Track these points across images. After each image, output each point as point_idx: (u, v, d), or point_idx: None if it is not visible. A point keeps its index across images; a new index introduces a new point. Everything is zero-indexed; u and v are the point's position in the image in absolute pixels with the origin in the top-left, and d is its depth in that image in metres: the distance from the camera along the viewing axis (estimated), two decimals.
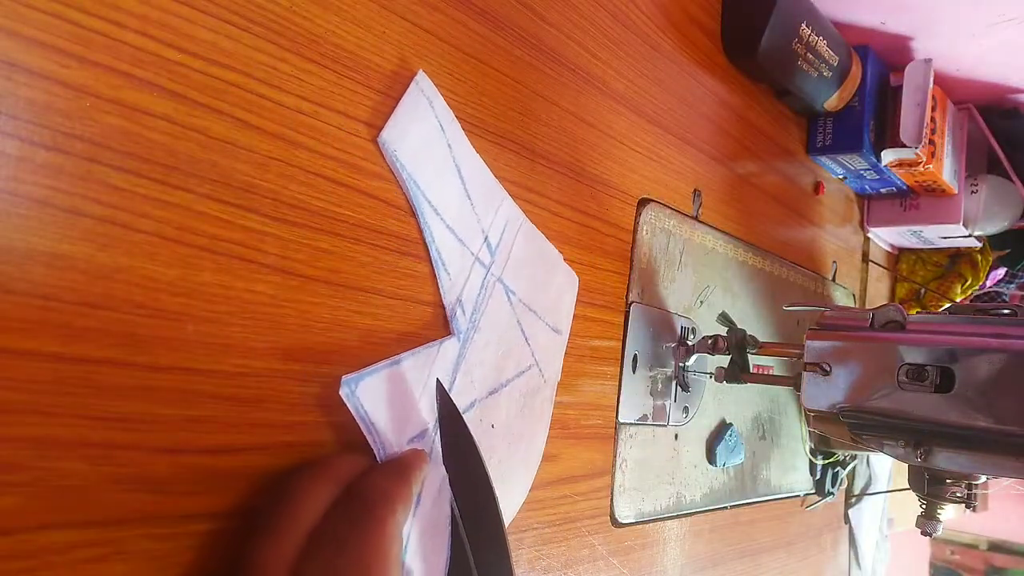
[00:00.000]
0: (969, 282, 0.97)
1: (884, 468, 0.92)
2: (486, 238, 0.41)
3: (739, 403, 0.66)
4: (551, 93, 0.46)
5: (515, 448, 0.42)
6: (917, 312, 0.96)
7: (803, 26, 0.65)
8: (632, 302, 0.53)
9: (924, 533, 0.53)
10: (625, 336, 0.52)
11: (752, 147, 0.68)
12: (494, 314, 0.41)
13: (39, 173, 0.25)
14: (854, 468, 0.86)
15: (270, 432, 0.31)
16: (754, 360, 0.56)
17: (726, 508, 0.64)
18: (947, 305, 0.94)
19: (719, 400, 0.63)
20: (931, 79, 0.74)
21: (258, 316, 0.31)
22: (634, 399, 0.53)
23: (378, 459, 0.34)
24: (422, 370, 0.36)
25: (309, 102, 0.33)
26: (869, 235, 0.93)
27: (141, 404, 0.27)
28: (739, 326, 0.56)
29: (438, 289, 0.38)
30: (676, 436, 0.58)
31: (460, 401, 0.38)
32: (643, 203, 0.54)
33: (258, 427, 0.31)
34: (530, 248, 0.44)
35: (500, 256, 0.42)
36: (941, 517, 0.53)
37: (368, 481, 0.31)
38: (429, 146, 0.38)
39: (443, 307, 0.39)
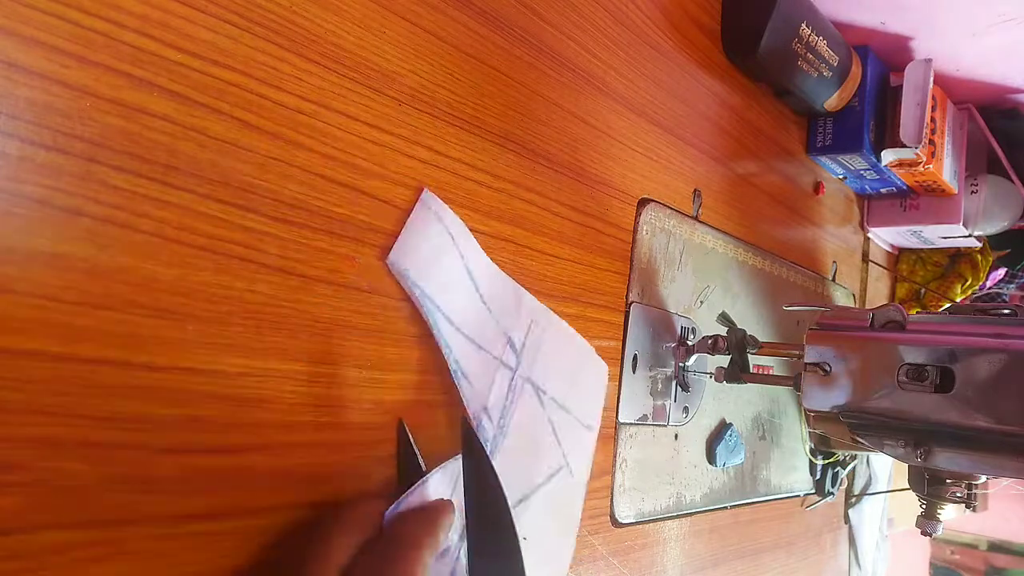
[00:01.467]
0: (969, 282, 0.97)
1: (884, 468, 0.92)
2: (509, 340, 0.41)
3: (739, 403, 0.66)
4: (551, 93, 0.46)
5: (546, 556, 0.42)
6: (917, 312, 0.96)
7: (803, 26, 0.65)
8: (632, 302, 0.53)
9: (924, 533, 0.53)
10: (625, 336, 0.52)
11: (752, 147, 0.68)
12: (523, 416, 0.40)
13: (39, 173, 0.25)
14: (854, 468, 0.86)
15: (270, 432, 0.31)
16: (754, 360, 0.56)
17: (726, 508, 0.64)
18: (947, 305, 0.95)
19: (719, 400, 0.63)
20: (931, 79, 0.74)
21: (258, 316, 0.31)
22: (634, 399, 0.53)
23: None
24: (449, 485, 0.36)
25: (309, 102, 0.33)
26: (869, 235, 0.93)
27: (141, 404, 0.27)
28: (739, 326, 0.56)
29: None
30: (676, 436, 0.58)
31: None
32: (643, 203, 0.54)
33: (258, 427, 0.31)
34: (558, 342, 0.44)
35: (527, 356, 0.41)
36: (941, 517, 0.53)
37: (399, 525, 0.32)
38: (438, 260, 0.37)
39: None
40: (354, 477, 0.35)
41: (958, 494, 0.51)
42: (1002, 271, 1.00)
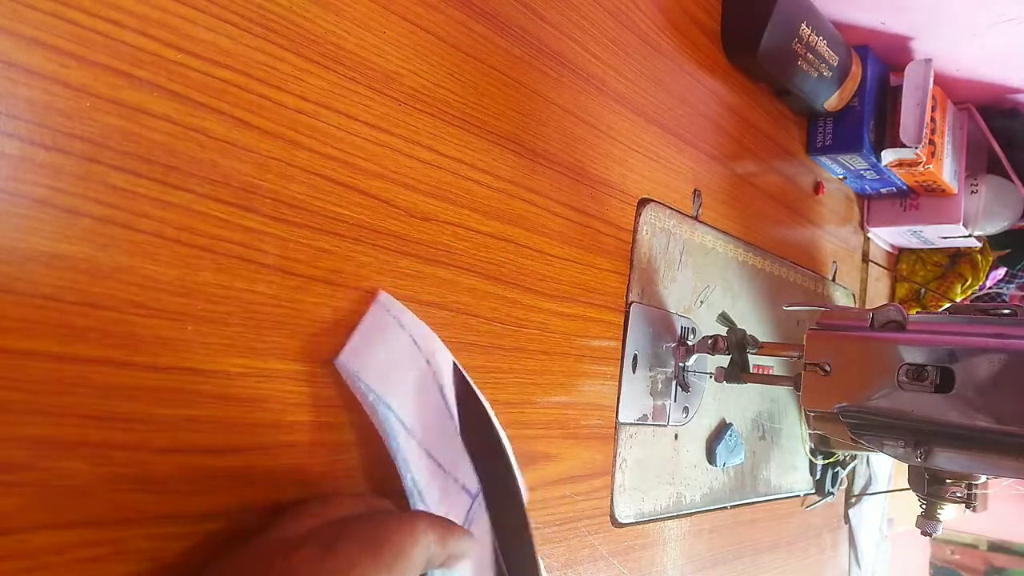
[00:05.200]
0: (969, 282, 0.97)
1: (884, 468, 0.92)
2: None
3: (739, 403, 0.66)
4: (551, 93, 0.46)
5: None
6: (917, 312, 0.96)
7: (803, 26, 0.65)
8: (632, 302, 0.53)
9: (924, 533, 0.53)
10: (625, 336, 0.52)
11: (752, 147, 0.68)
12: (476, 552, 0.34)
13: (39, 173, 0.25)
14: (854, 468, 0.86)
15: (270, 432, 0.31)
16: (754, 360, 0.56)
17: (726, 508, 0.64)
18: (947, 305, 0.94)
19: (719, 400, 0.63)
20: (931, 79, 0.74)
21: (258, 316, 0.31)
22: (634, 399, 0.53)
23: None
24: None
25: (309, 102, 0.33)
26: (869, 235, 0.93)
27: (141, 404, 0.27)
28: (739, 326, 0.56)
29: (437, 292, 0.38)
30: (676, 436, 0.58)
31: None
32: (643, 203, 0.54)
33: (258, 427, 0.31)
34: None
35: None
36: (941, 517, 0.53)
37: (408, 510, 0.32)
38: (398, 365, 0.33)
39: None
40: (354, 478, 0.35)
41: (958, 494, 0.51)
42: (1002, 271, 1.00)
